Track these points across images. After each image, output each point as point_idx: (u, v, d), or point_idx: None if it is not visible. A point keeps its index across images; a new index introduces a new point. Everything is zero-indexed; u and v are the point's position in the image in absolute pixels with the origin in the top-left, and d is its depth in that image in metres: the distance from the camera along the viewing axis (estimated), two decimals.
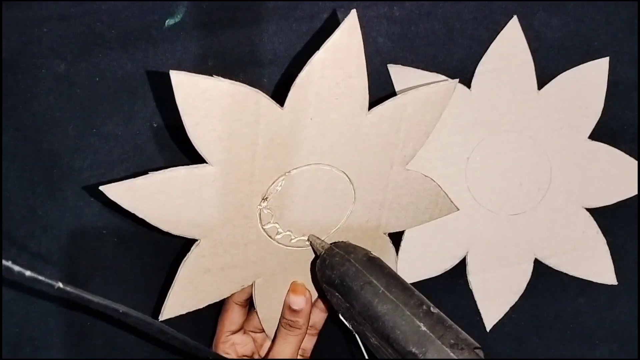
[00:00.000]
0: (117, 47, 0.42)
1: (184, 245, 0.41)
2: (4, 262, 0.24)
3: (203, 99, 0.34)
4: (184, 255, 0.40)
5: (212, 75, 0.34)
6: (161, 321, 0.40)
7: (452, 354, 0.33)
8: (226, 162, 0.37)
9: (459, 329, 0.35)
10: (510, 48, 0.46)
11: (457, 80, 0.42)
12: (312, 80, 0.36)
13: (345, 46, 0.36)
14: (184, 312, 0.41)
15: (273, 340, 0.45)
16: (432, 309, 0.36)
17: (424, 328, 0.35)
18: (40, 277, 0.26)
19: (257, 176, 0.38)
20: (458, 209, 0.46)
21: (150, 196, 0.36)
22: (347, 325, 0.40)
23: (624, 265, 0.51)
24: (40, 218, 0.44)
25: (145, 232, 0.45)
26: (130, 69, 0.42)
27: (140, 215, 0.36)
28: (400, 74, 0.45)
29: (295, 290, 0.44)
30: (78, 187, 0.44)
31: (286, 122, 0.37)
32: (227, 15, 0.43)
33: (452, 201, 0.45)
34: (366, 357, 0.40)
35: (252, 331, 0.45)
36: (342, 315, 0.40)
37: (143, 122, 0.43)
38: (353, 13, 0.36)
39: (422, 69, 0.46)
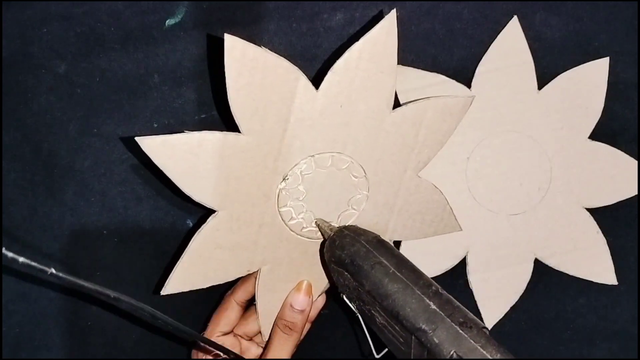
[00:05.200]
0: (117, 47, 0.42)
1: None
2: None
3: (249, 67, 0.36)
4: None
5: (260, 47, 0.36)
6: (155, 310, 0.40)
7: (461, 331, 0.34)
8: (258, 133, 0.38)
9: (467, 310, 0.36)
10: (510, 48, 0.46)
11: (475, 96, 0.43)
12: (349, 68, 0.38)
13: (382, 42, 0.38)
14: (186, 290, 0.40)
15: (269, 342, 0.44)
16: (440, 290, 0.37)
17: (433, 306, 0.35)
18: (33, 263, 0.26)
19: (283, 154, 0.39)
20: (461, 229, 0.46)
21: (181, 155, 0.37)
22: (351, 306, 0.41)
23: (624, 265, 0.51)
24: (40, 218, 0.44)
25: (145, 232, 0.45)
26: (130, 69, 0.42)
27: (168, 174, 0.37)
28: (400, 74, 0.45)
29: (300, 289, 0.44)
30: (78, 187, 0.44)
31: (318, 104, 0.38)
32: (227, 15, 0.43)
33: (456, 219, 0.46)
34: (369, 339, 0.40)
35: (240, 335, 0.45)
36: (346, 297, 0.41)
37: (143, 122, 0.43)
38: (393, 12, 0.38)
39: (422, 69, 0.46)
